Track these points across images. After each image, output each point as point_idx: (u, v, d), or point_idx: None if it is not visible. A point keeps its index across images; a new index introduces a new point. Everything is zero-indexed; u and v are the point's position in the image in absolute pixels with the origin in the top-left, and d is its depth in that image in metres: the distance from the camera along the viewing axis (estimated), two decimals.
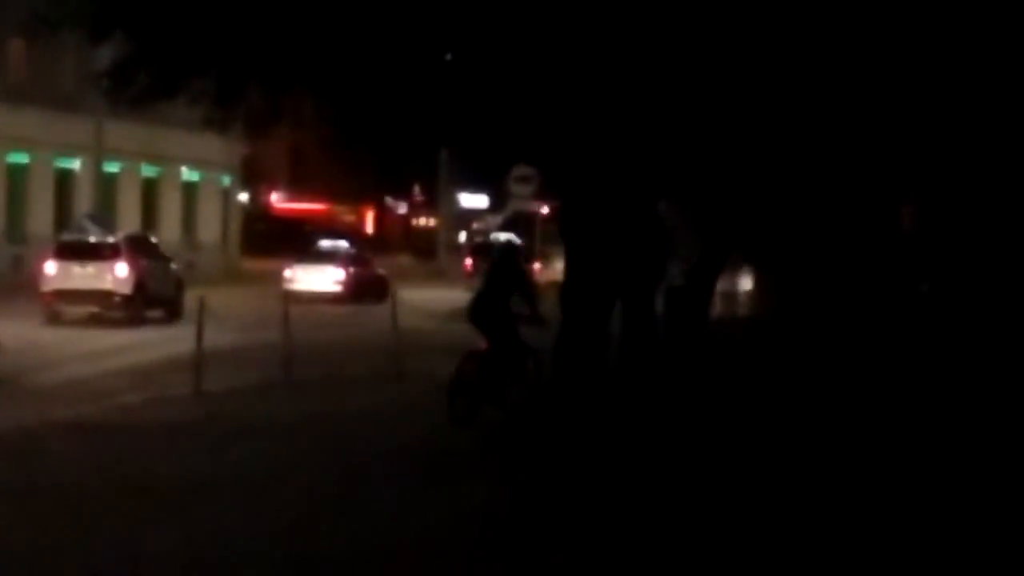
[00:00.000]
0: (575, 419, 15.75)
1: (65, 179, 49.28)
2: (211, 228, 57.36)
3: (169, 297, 35.41)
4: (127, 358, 26.16)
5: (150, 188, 54.07)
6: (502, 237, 45.44)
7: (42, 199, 48.19)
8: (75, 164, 49.43)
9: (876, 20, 14.85)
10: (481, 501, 12.83)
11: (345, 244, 50.75)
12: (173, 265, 37.22)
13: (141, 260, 34.85)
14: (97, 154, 49.02)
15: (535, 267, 40.80)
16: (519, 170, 35.30)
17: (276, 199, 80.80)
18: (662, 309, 18.13)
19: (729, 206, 18.28)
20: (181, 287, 36.07)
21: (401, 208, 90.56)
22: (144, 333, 31.58)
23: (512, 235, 45.05)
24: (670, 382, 17.12)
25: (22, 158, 47.42)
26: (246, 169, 63.14)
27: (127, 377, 23.05)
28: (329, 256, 47.80)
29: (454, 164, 66.13)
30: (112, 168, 50.96)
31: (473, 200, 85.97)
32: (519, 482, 13.75)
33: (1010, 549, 11.23)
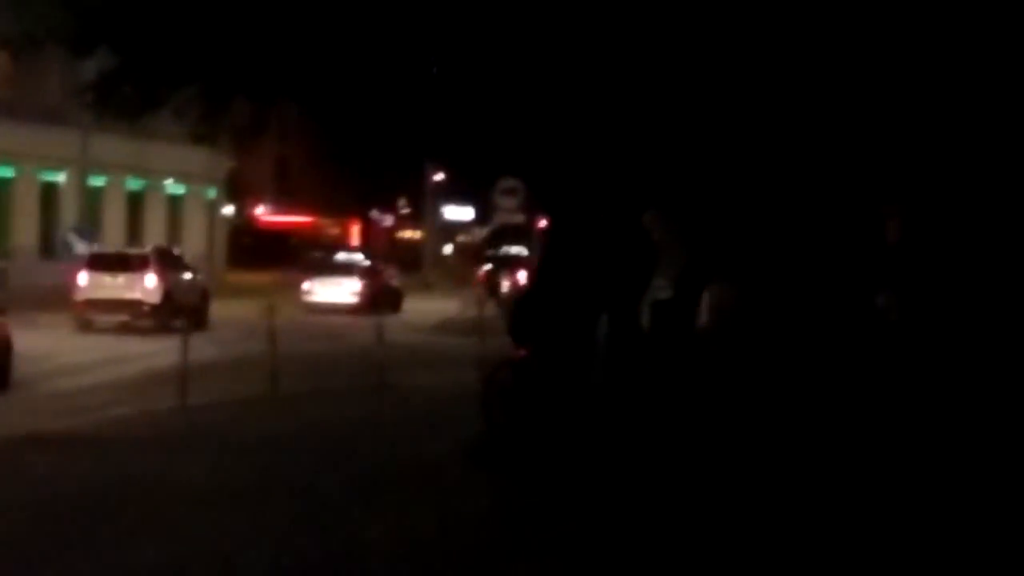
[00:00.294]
0: (560, 432, 15.75)
1: (50, 192, 49.17)
2: (196, 241, 57.26)
3: (194, 306, 36.62)
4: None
5: (135, 201, 54.02)
6: (512, 251, 45.98)
7: (27, 213, 48.09)
8: (60, 177, 49.33)
9: (858, 33, 14.91)
10: (462, 514, 12.84)
11: (361, 257, 52.77)
12: (198, 276, 39.09)
13: (168, 271, 36.64)
14: (82, 167, 48.89)
15: (518, 277, 40.98)
16: (504, 182, 35.30)
17: (261, 212, 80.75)
18: (647, 322, 18.13)
19: (714, 217, 18.30)
20: (206, 297, 38.27)
21: (386, 221, 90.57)
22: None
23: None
24: (656, 395, 17.11)
25: (7, 171, 47.33)
26: (231, 182, 63.10)
27: (124, 388, 23.25)
28: (346, 269, 49.58)
29: (440, 177, 66.20)
30: (97, 181, 50.87)
31: (459, 212, 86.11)
32: (501, 495, 13.76)
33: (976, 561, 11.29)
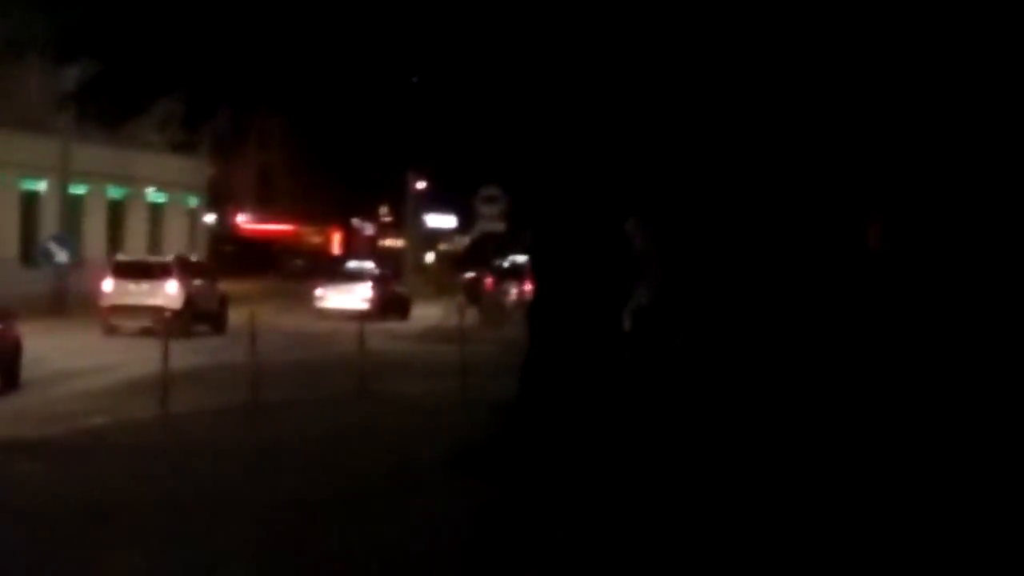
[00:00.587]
0: (543, 439, 15.77)
1: (31, 201, 49.01)
2: (178, 249, 57.06)
3: (214, 312, 38.35)
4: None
5: (116, 210, 53.91)
6: (520, 259, 46.58)
7: (7, 221, 47.91)
8: (41, 186, 49.15)
9: (839, 41, 14.96)
10: (444, 520, 12.86)
11: (371, 265, 54.72)
12: (217, 284, 40.21)
13: (189, 279, 37.93)
14: (63, 175, 48.72)
15: (526, 286, 41.20)
16: (486, 190, 35.36)
17: (243, 220, 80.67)
18: (629, 329, 18.19)
19: (696, 224, 18.35)
20: (225, 304, 39.39)
21: (368, 229, 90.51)
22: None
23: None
24: (638, 401, 17.14)
25: None
26: (213, 190, 63.03)
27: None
28: (356, 276, 51.19)
29: (422, 185, 66.16)
30: (78, 190, 50.71)
31: (441, 221, 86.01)
32: (484, 501, 13.78)
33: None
